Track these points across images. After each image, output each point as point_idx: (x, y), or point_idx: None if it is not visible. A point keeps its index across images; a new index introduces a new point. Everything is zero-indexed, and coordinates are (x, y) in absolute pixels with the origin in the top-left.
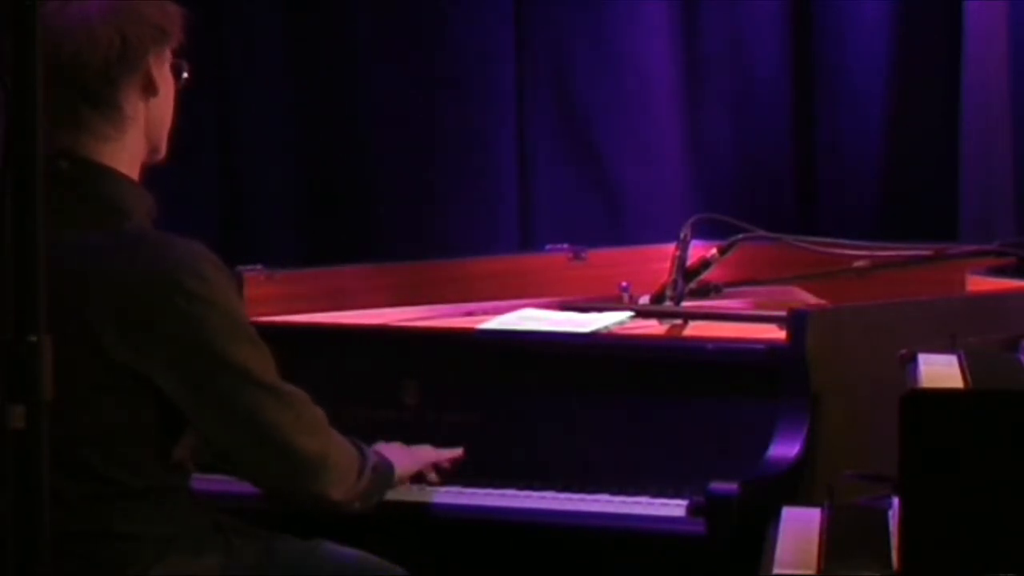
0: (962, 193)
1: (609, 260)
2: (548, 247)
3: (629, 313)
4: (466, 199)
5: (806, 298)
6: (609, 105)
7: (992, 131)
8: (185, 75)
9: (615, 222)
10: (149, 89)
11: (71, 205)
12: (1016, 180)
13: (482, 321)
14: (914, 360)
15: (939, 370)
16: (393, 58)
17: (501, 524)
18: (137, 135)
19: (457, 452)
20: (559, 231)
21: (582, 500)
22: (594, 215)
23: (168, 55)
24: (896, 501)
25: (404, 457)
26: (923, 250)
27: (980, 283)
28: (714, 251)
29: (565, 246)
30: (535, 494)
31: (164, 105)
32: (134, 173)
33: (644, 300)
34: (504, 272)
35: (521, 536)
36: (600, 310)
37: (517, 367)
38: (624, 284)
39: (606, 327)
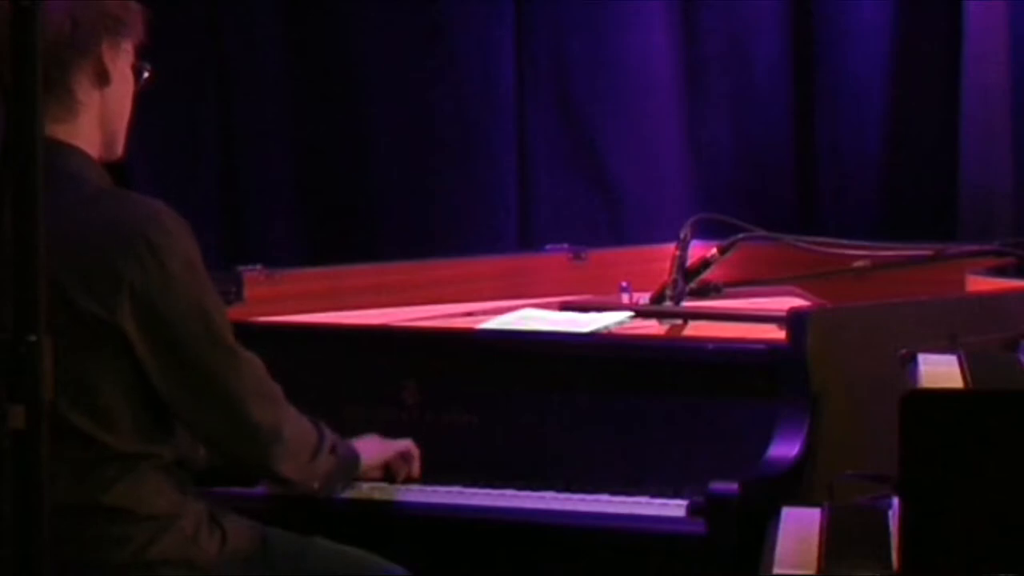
0: (962, 193)
1: (609, 260)
2: (548, 247)
3: (629, 313)
4: (466, 199)
5: (806, 298)
6: (609, 105)
7: (992, 131)
8: (146, 75)
9: (615, 222)
10: (103, 77)
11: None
12: (1016, 180)
13: (482, 321)
14: (914, 360)
15: (939, 370)
16: (393, 58)
17: (501, 524)
18: (90, 122)
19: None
20: (559, 231)
21: (582, 500)
22: (594, 215)
23: (128, 50)
24: (896, 501)
25: (373, 447)
26: (923, 250)
27: (980, 283)
28: (714, 251)
29: (565, 246)
30: (535, 494)
31: (119, 98)
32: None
33: (644, 300)
34: (504, 272)
35: (521, 536)
36: (600, 310)
37: (517, 367)
38: (624, 284)
39: (606, 327)
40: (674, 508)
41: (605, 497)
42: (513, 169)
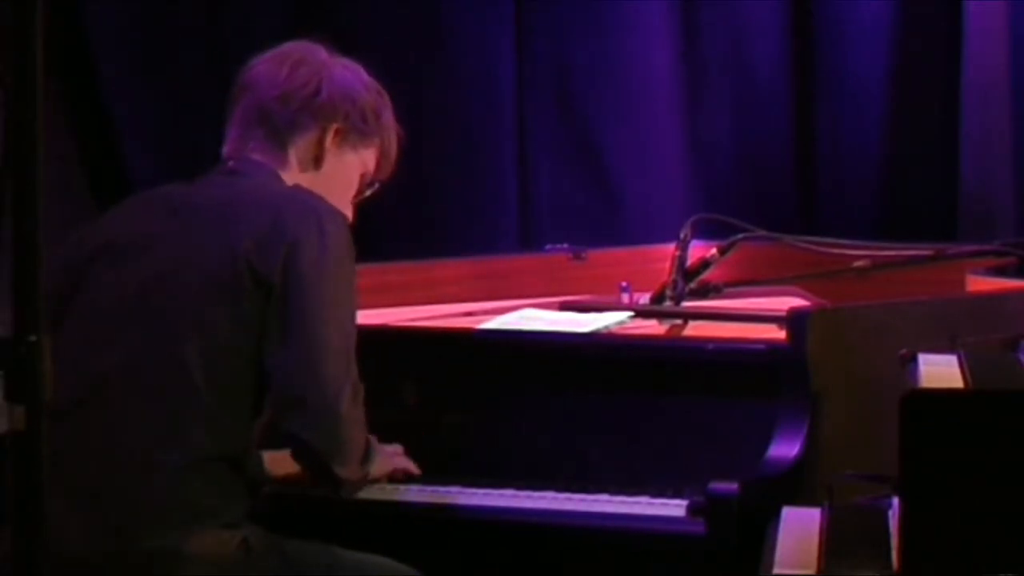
0: (962, 193)
1: (609, 260)
2: (548, 247)
3: (629, 313)
4: (466, 199)
5: (806, 298)
6: (609, 105)
7: (992, 131)
8: (368, 193)
9: (615, 222)
10: (318, 159)
11: (228, 181)
12: (1016, 180)
13: (482, 321)
14: (914, 360)
15: (939, 370)
16: (392, 58)
17: (501, 524)
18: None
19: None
20: (559, 231)
21: (582, 500)
22: (594, 215)
23: (364, 156)
24: (896, 501)
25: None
26: (923, 250)
27: (980, 283)
28: (714, 251)
29: (565, 246)
30: (535, 494)
31: (329, 189)
32: None
33: (644, 300)
34: (504, 272)
35: (521, 536)
36: (600, 310)
37: (517, 367)
38: (624, 284)
39: (606, 327)
40: (674, 508)
41: (605, 497)
42: (513, 170)
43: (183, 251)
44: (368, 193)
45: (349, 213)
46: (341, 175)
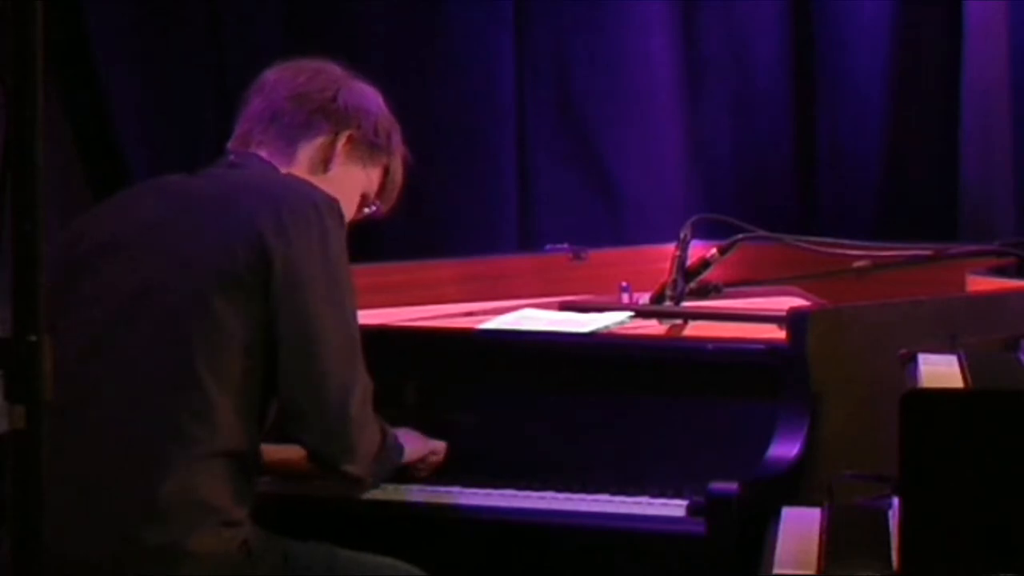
0: (962, 193)
1: (609, 260)
2: (548, 247)
3: (629, 313)
4: (466, 199)
5: (806, 298)
6: (609, 105)
7: (992, 131)
8: (368, 211)
9: (615, 222)
10: (326, 162)
11: (228, 173)
12: (1016, 180)
13: (482, 321)
14: (914, 360)
15: (939, 370)
16: (393, 58)
17: (501, 524)
18: None
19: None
20: (559, 231)
21: (582, 500)
22: (594, 215)
23: (370, 173)
24: (896, 501)
25: (412, 442)
26: (923, 250)
27: (980, 283)
28: (714, 251)
29: (565, 246)
30: (535, 494)
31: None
32: None
33: (644, 300)
34: (504, 272)
35: (521, 536)
36: (600, 310)
37: (517, 367)
38: (624, 284)
39: (606, 327)
40: (674, 508)
41: (605, 497)
42: (513, 169)
43: (186, 244)
44: (366, 213)
45: None
46: (345, 185)
